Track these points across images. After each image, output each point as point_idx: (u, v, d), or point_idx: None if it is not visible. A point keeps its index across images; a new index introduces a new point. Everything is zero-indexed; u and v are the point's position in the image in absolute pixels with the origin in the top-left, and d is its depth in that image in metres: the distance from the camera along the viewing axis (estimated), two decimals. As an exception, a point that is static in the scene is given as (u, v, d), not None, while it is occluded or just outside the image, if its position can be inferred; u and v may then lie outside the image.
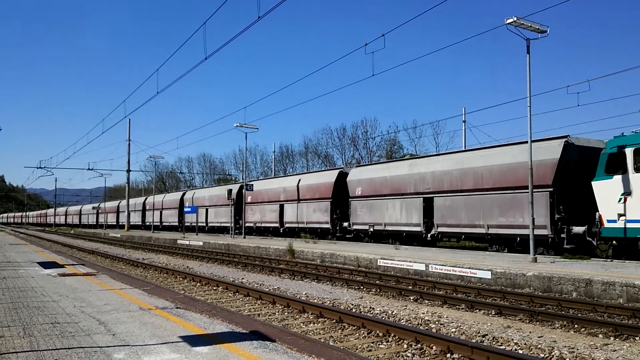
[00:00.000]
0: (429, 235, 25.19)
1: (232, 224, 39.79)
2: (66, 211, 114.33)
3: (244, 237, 36.30)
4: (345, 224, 31.94)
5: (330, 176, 33.87)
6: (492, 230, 21.84)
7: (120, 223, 74.32)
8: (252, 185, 39.57)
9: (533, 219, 17.35)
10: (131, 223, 66.90)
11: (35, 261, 19.65)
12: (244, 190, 40.10)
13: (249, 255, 26.02)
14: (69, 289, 11.71)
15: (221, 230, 47.08)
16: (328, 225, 33.14)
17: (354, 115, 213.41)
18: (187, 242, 35.90)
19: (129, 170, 62.48)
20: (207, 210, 49.05)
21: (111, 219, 79.70)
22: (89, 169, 62.30)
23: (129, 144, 61.44)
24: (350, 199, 30.92)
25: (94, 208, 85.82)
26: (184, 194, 57.60)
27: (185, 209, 47.42)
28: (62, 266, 17.77)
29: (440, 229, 24.48)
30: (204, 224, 49.26)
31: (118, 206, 78.38)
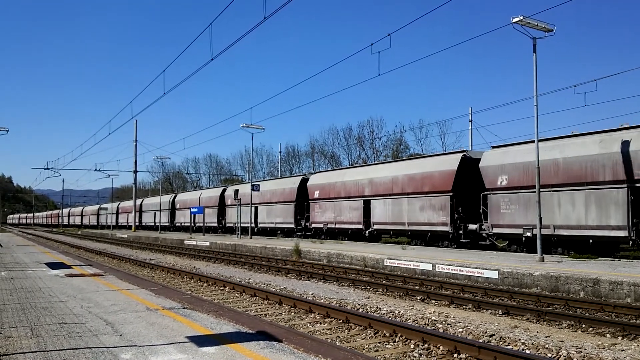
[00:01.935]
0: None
1: (293, 223, 40.26)
2: (82, 211, 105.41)
3: (251, 238, 36.36)
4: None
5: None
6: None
7: (144, 223, 69.14)
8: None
9: (540, 219, 17.25)
10: (163, 223, 60.96)
11: (43, 262, 19.75)
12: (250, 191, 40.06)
13: (256, 256, 26.06)
14: (76, 290, 11.76)
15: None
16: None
17: (360, 115, 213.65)
18: (194, 243, 35.99)
19: (135, 171, 62.75)
20: (256, 208, 42.79)
21: (131, 219, 70.56)
22: (96, 169, 62.54)
23: (136, 145, 61.72)
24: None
25: (118, 208, 77.74)
26: (224, 190, 50.08)
27: (192, 209, 47.31)
28: (69, 267, 17.86)
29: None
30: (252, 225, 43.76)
31: (141, 205, 71.47)
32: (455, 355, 7.41)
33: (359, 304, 12.02)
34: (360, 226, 30.14)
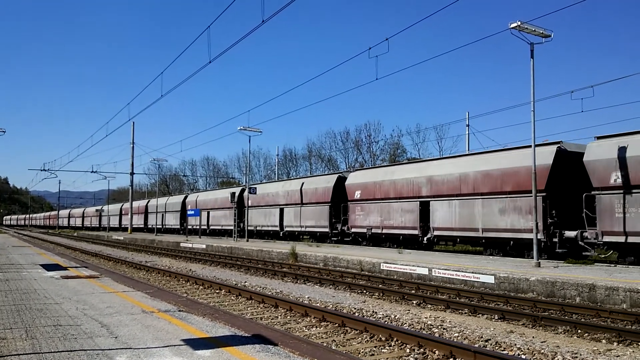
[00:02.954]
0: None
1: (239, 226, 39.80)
2: (84, 212, 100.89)
3: (247, 241, 36.29)
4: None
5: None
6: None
7: (149, 226, 64.61)
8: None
9: (537, 224, 17.30)
10: (167, 226, 59.14)
11: (38, 263, 19.69)
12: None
13: (252, 259, 26.01)
14: (72, 292, 11.72)
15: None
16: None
17: (358, 119, 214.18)
18: (190, 245, 35.92)
19: (132, 173, 62.54)
20: (281, 210, 39.34)
21: (137, 220, 67.66)
22: (92, 171, 62.30)
23: (133, 147, 61.54)
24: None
25: (123, 209, 71.34)
26: (243, 190, 44.42)
27: (189, 212, 47.19)
28: (65, 268, 17.80)
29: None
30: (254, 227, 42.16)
31: (146, 206, 66.25)
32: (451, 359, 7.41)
33: (355, 308, 12.01)
34: (416, 232, 25.90)
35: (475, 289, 14.70)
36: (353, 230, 30.70)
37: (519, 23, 16.42)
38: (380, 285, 15.74)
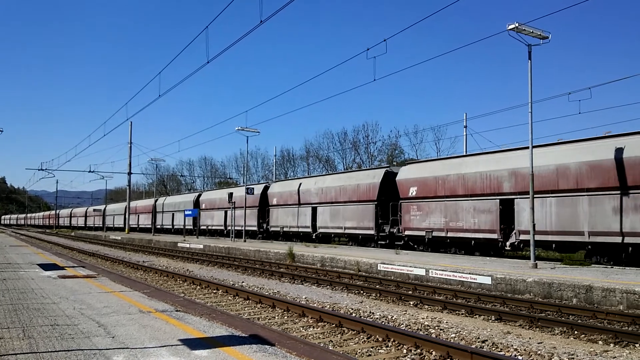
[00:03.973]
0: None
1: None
2: (86, 212, 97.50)
3: (244, 241, 36.26)
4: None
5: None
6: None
7: (159, 226, 60.65)
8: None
9: (534, 225, 17.33)
10: (177, 226, 53.89)
11: (36, 263, 19.65)
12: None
13: (249, 259, 26.00)
14: (69, 291, 11.71)
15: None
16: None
17: (356, 120, 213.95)
18: (188, 245, 35.89)
19: (130, 173, 62.49)
20: (314, 209, 35.24)
21: (144, 220, 64.57)
22: (90, 171, 62.20)
23: (130, 146, 61.46)
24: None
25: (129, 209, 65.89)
26: (266, 187, 41.78)
27: (186, 212, 46.85)
28: (62, 268, 17.78)
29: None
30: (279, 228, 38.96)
31: (154, 205, 61.57)
32: (448, 360, 7.42)
33: (352, 309, 12.02)
34: (494, 235, 21.94)
35: (473, 290, 14.72)
36: (407, 233, 26.53)
37: (517, 25, 16.45)
38: (377, 286, 15.75)
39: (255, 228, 41.23)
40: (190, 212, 45.74)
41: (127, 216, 64.34)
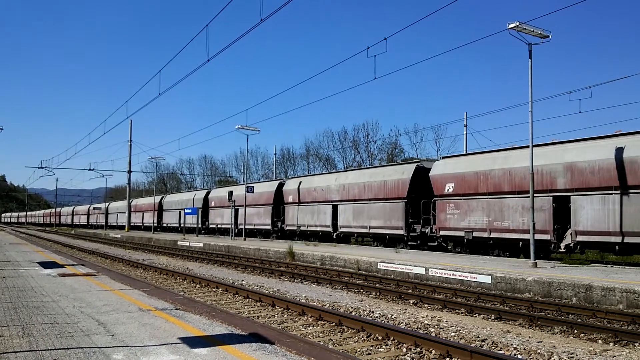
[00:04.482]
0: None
1: (233, 226, 39.55)
2: (88, 210, 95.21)
3: (244, 239, 36.25)
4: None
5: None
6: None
7: (165, 224, 59.40)
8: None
9: (534, 224, 17.33)
10: (188, 225, 49.78)
11: (35, 261, 19.65)
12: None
13: (249, 257, 26.01)
14: (69, 289, 11.71)
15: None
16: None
17: (356, 118, 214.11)
18: (187, 244, 35.91)
19: (130, 171, 62.48)
20: (334, 207, 32.98)
21: (149, 219, 62.41)
22: (90, 169, 62.37)
23: (130, 145, 61.45)
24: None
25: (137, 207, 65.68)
26: (281, 184, 39.65)
27: (186, 210, 46.69)
28: (62, 266, 17.78)
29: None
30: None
31: (160, 203, 59.87)
32: (448, 359, 7.42)
33: (351, 307, 12.02)
34: (547, 236, 19.86)
35: (472, 289, 14.72)
36: (442, 233, 24.44)
37: (517, 23, 16.44)
38: (377, 285, 15.75)
39: (269, 227, 39.53)
40: (190, 211, 45.66)
41: (128, 214, 64.34)
